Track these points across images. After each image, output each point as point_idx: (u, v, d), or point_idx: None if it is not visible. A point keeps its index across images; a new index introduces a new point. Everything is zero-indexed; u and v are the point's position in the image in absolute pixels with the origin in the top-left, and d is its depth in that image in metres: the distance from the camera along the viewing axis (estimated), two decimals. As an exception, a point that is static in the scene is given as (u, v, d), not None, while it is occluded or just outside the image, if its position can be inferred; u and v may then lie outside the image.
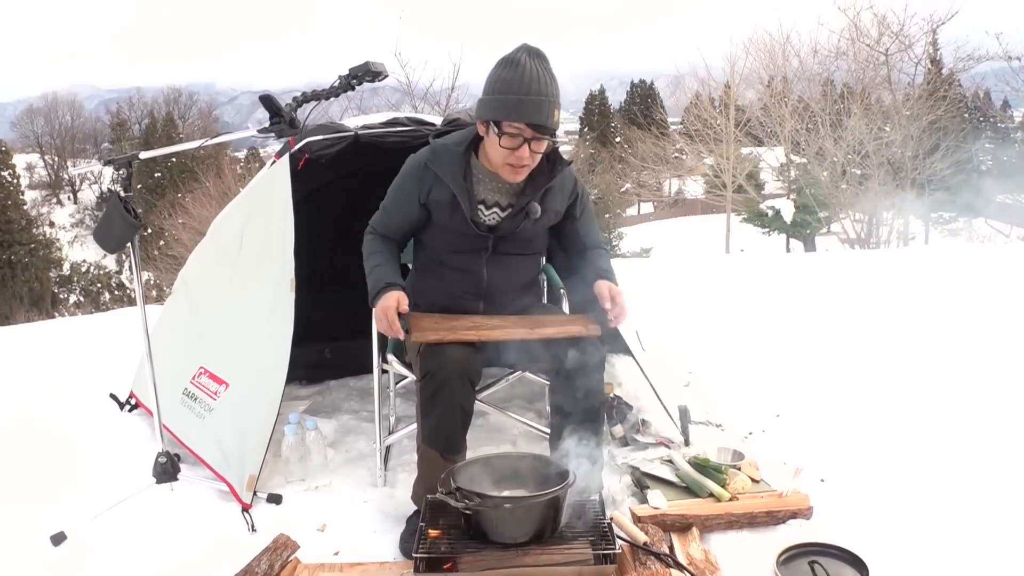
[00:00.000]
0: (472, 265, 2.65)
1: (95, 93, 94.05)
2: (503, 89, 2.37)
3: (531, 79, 2.35)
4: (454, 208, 2.56)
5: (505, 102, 2.37)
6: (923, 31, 20.19)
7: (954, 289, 5.57)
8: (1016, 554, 2.24)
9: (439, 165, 2.56)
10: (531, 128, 2.38)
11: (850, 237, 20.64)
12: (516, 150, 2.41)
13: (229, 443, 2.78)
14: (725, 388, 3.70)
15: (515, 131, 2.39)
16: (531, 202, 2.59)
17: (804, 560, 2.23)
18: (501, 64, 2.40)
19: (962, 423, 3.16)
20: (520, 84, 2.34)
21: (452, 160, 2.56)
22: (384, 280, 2.51)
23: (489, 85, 2.42)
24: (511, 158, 2.44)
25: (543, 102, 2.36)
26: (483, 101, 2.44)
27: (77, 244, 35.43)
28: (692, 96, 25.81)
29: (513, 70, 2.36)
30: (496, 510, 1.87)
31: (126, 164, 2.52)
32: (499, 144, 2.42)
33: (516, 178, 2.52)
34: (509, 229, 2.62)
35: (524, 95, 2.35)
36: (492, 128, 2.42)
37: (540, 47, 2.44)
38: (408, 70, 18.27)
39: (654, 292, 5.79)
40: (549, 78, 2.38)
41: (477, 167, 2.57)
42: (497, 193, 2.60)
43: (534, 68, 2.36)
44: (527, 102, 2.35)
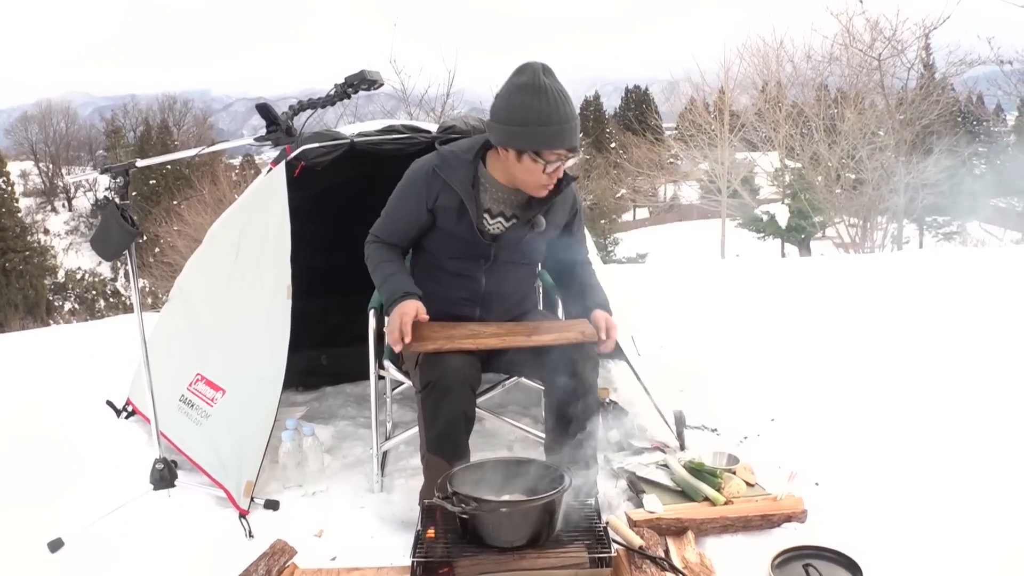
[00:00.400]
0: (471, 272, 2.66)
1: (89, 100, 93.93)
2: (538, 119, 2.36)
3: (560, 103, 2.36)
4: (460, 215, 2.57)
5: (545, 133, 2.38)
6: (915, 36, 20.29)
7: (948, 293, 5.60)
8: (1010, 557, 2.26)
9: (448, 172, 2.57)
10: (569, 151, 2.43)
11: (844, 241, 20.71)
12: (554, 172, 2.45)
13: (226, 449, 2.79)
14: (720, 393, 3.71)
15: (556, 158, 2.41)
16: (537, 216, 2.60)
17: (799, 563, 2.23)
18: (522, 90, 2.38)
19: (956, 427, 3.17)
20: (555, 112, 2.36)
21: (461, 167, 2.57)
22: (403, 289, 2.52)
23: (519, 114, 2.39)
24: (547, 180, 2.48)
25: (575, 123, 2.42)
26: (514, 132, 2.41)
27: (72, 251, 35.39)
28: (687, 101, 25.90)
29: (540, 98, 2.35)
30: (492, 514, 1.89)
31: (123, 172, 2.53)
32: (543, 171, 2.43)
33: (544, 193, 2.55)
34: (512, 240, 2.64)
35: (563, 123, 2.37)
36: (529, 157, 2.42)
37: (536, 58, 2.46)
38: (403, 77, 18.32)
39: (649, 297, 5.81)
40: (567, 94, 2.41)
41: (485, 176, 2.59)
42: (502, 204, 2.61)
43: (555, 90, 2.37)
44: (568, 129, 2.39)
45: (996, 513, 2.49)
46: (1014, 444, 2.98)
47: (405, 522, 2.54)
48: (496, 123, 2.45)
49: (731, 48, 23.62)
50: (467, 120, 3.27)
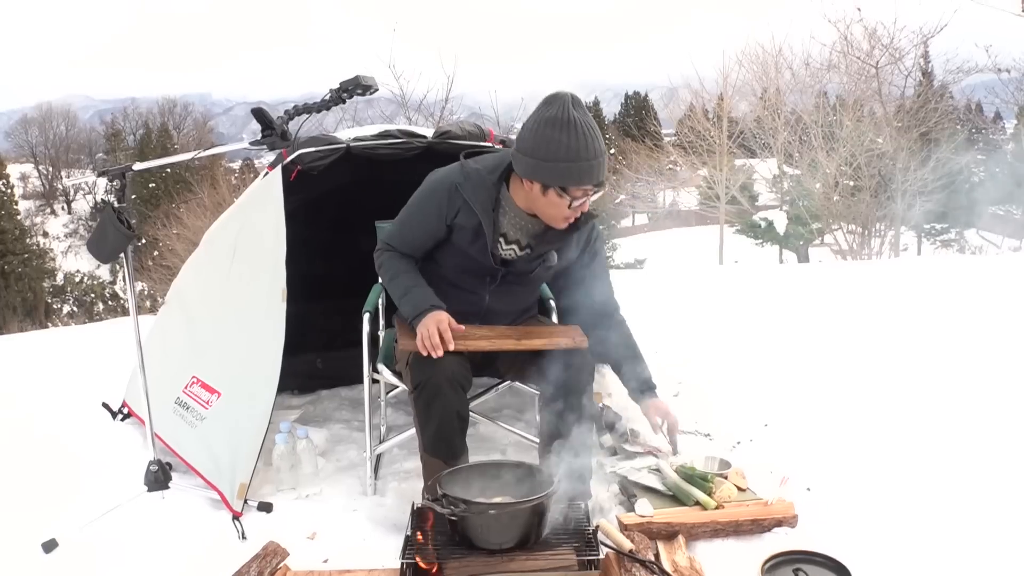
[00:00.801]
0: (476, 288, 2.67)
1: (90, 103, 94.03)
2: (566, 155, 2.33)
3: (588, 139, 2.34)
4: (476, 236, 2.56)
5: (572, 169, 2.36)
6: (913, 44, 20.35)
7: (945, 300, 5.60)
8: (1000, 563, 2.27)
9: (470, 191, 2.53)
10: (595, 186, 2.42)
11: (843, 248, 20.73)
12: (581, 206, 2.45)
13: (221, 452, 2.80)
14: (714, 398, 3.72)
15: (582, 193, 2.41)
16: (550, 252, 2.62)
17: (789, 568, 2.25)
18: (551, 124, 2.35)
19: (949, 433, 3.18)
20: (583, 148, 2.33)
21: (484, 189, 2.54)
22: (429, 301, 2.52)
23: (546, 148, 2.36)
24: (570, 213, 2.46)
25: (603, 161, 2.40)
26: (540, 166, 2.38)
27: (71, 254, 35.39)
28: (686, 108, 25.93)
29: (569, 133, 2.32)
30: (481, 516, 1.90)
31: (120, 175, 2.56)
32: (568, 205, 2.41)
33: (564, 226, 2.53)
34: (522, 269, 2.65)
35: (591, 159, 2.35)
36: (554, 190, 2.40)
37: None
38: (402, 82, 18.35)
39: (646, 303, 5.83)
40: (596, 130, 2.38)
41: (506, 199, 2.56)
42: (519, 231, 2.60)
43: (584, 124, 2.34)
44: (595, 166, 2.37)
45: (987, 520, 2.49)
46: (1006, 451, 2.98)
47: (398, 525, 2.55)
48: (522, 155, 2.41)
49: (730, 55, 23.55)
50: (463, 125, 3.29)
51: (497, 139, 3.32)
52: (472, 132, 3.27)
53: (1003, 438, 3.10)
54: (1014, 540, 2.36)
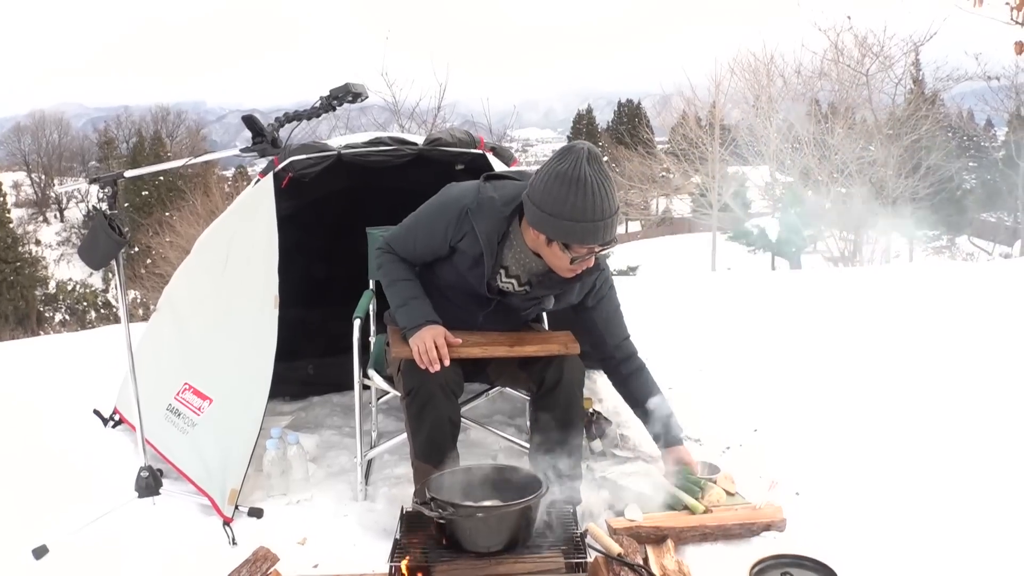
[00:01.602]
0: (471, 309, 2.66)
1: (83, 111, 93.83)
2: (574, 216, 2.28)
3: (601, 199, 2.28)
4: (476, 263, 2.53)
5: (579, 230, 2.31)
6: (903, 51, 20.49)
7: (936, 307, 5.64)
8: (988, 565, 2.28)
9: (479, 220, 2.48)
10: (601, 244, 2.37)
11: (835, 255, 20.81)
12: (586, 260, 2.42)
13: (212, 458, 2.80)
14: (705, 403, 3.74)
15: (587, 250, 2.37)
16: (548, 297, 2.61)
17: (777, 572, 2.26)
18: (561, 179, 2.28)
19: (938, 438, 3.20)
20: (590, 209, 2.27)
21: (494, 219, 2.48)
22: (426, 316, 2.51)
23: (553, 204, 2.30)
24: (574, 267, 2.43)
25: (613, 221, 2.34)
26: (546, 220, 2.33)
27: (63, 262, 35.26)
28: (678, 115, 26.03)
29: (578, 191, 2.26)
30: (469, 519, 1.91)
31: (111, 182, 2.57)
32: (570, 261, 2.39)
33: (568, 275, 2.50)
34: (517, 304, 2.64)
35: (597, 220, 2.29)
36: (559, 246, 2.36)
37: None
38: (395, 89, 18.39)
39: (638, 310, 5.83)
40: (611, 188, 2.31)
41: (515, 235, 2.51)
42: (521, 267, 2.56)
43: (600, 185, 2.27)
44: (601, 227, 2.31)
45: (975, 524, 2.51)
46: (996, 455, 3.01)
47: (388, 530, 2.55)
48: (531, 203, 2.36)
49: (722, 63, 23.72)
50: (453, 132, 3.30)
51: (488, 146, 3.34)
52: (463, 139, 3.29)
53: (993, 443, 3.12)
54: (1002, 543, 2.39)
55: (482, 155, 3.30)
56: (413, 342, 2.46)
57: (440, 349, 2.43)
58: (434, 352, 2.42)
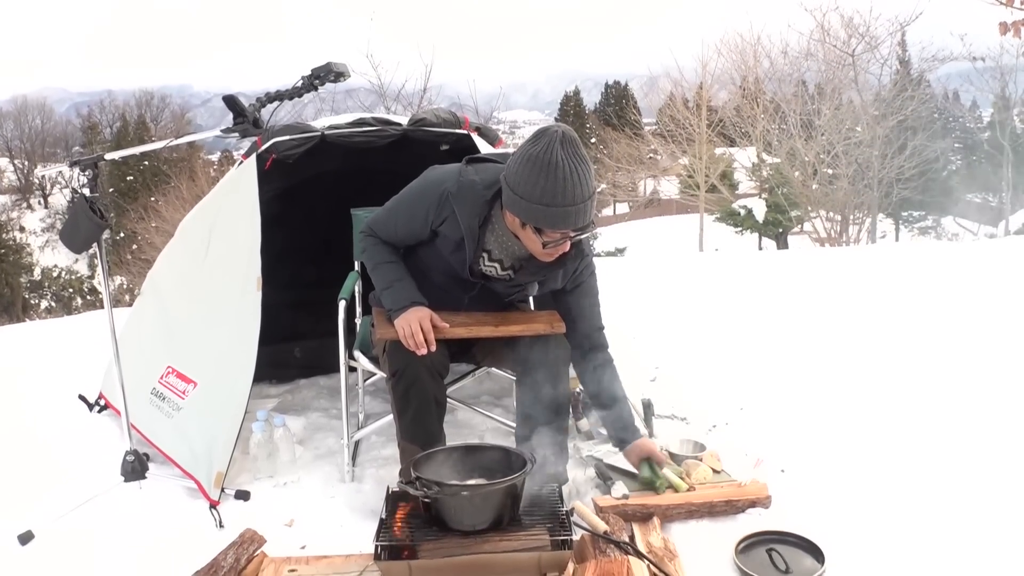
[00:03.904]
0: (455, 293, 2.64)
1: (65, 96, 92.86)
2: (544, 199, 2.24)
3: (573, 183, 2.23)
4: (458, 247, 2.51)
5: (549, 214, 2.27)
6: (889, 32, 20.50)
7: (921, 287, 5.66)
8: (970, 541, 2.30)
9: (460, 204, 2.45)
10: (574, 230, 2.33)
11: (821, 236, 20.88)
12: (559, 245, 2.37)
13: (197, 441, 2.80)
14: (691, 382, 3.76)
15: (560, 235, 2.33)
16: (532, 283, 2.59)
17: (762, 548, 2.28)
18: (536, 165, 2.24)
19: (922, 415, 3.23)
20: (564, 194, 2.23)
21: (475, 204, 2.45)
22: (411, 298, 2.50)
23: (525, 188, 2.27)
24: (554, 251, 2.39)
25: (587, 205, 2.29)
26: (518, 203, 2.30)
27: (48, 249, 34.95)
28: (666, 97, 25.97)
29: (549, 175, 2.22)
30: (454, 498, 1.91)
31: (92, 165, 2.54)
32: (543, 245, 2.35)
33: (550, 259, 2.45)
34: (500, 289, 2.62)
35: (568, 205, 2.25)
36: (532, 229, 2.33)
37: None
38: (380, 71, 18.28)
39: (625, 290, 5.85)
40: (586, 171, 2.27)
41: (497, 219, 2.48)
42: (504, 251, 2.53)
43: (573, 168, 2.23)
44: (572, 212, 2.27)
45: (958, 500, 2.54)
46: (978, 433, 3.03)
47: (375, 511, 2.53)
48: (506, 185, 2.34)
49: (709, 44, 23.69)
50: (438, 113, 3.29)
51: (472, 126, 3.32)
52: (447, 120, 3.27)
53: (976, 421, 3.15)
54: (986, 520, 2.41)
55: (467, 135, 3.28)
56: (399, 324, 2.45)
57: (426, 333, 2.42)
58: (420, 336, 2.41)
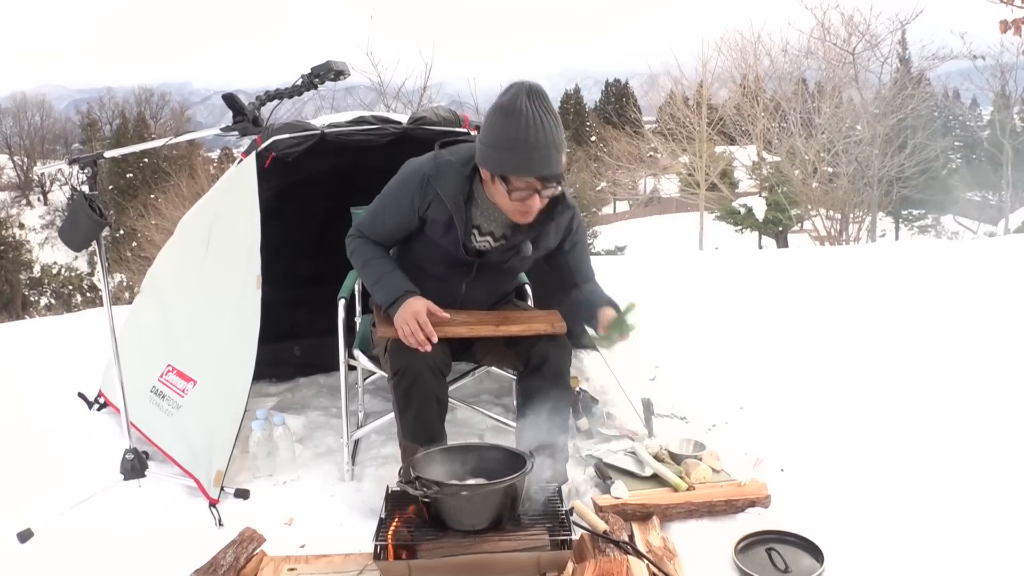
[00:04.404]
0: (452, 279, 2.65)
1: (65, 93, 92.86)
2: (507, 144, 2.26)
3: (535, 128, 2.23)
4: (448, 228, 2.51)
5: (512, 159, 2.27)
6: (889, 30, 20.49)
7: (921, 285, 5.66)
8: (970, 540, 2.30)
9: (441, 183, 2.46)
10: (540, 180, 2.31)
11: (821, 234, 20.87)
12: (527, 200, 2.35)
13: (197, 440, 2.79)
14: (691, 382, 3.75)
15: (524, 185, 2.31)
16: (524, 242, 2.56)
17: (761, 547, 2.28)
18: (501, 112, 2.28)
19: (921, 415, 3.22)
20: (526, 139, 2.23)
21: (455, 181, 2.46)
22: (402, 287, 2.48)
23: (491, 135, 2.31)
24: (522, 207, 2.37)
25: (551, 153, 2.27)
26: (486, 152, 2.33)
27: (48, 246, 34.92)
28: (666, 95, 25.94)
29: (516, 121, 2.24)
30: (454, 498, 1.91)
31: (91, 163, 2.54)
32: (509, 197, 2.34)
33: (526, 220, 2.45)
34: (497, 260, 2.61)
35: (531, 150, 2.25)
36: (499, 180, 2.34)
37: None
38: (380, 69, 18.27)
39: (625, 289, 5.84)
40: (553, 121, 2.27)
41: (479, 192, 2.49)
42: (493, 222, 2.54)
43: (537, 115, 2.24)
44: (536, 158, 2.26)
45: (958, 499, 2.54)
46: (978, 432, 3.03)
47: (375, 510, 2.52)
48: (478, 143, 2.38)
49: (709, 42, 23.62)
50: (437, 111, 3.28)
51: (472, 124, 3.31)
52: (447, 118, 3.26)
53: (976, 420, 3.15)
54: (986, 519, 2.41)
55: (466, 133, 3.27)
56: (397, 322, 2.43)
57: (424, 327, 2.40)
58: (420, 334, 2.39)
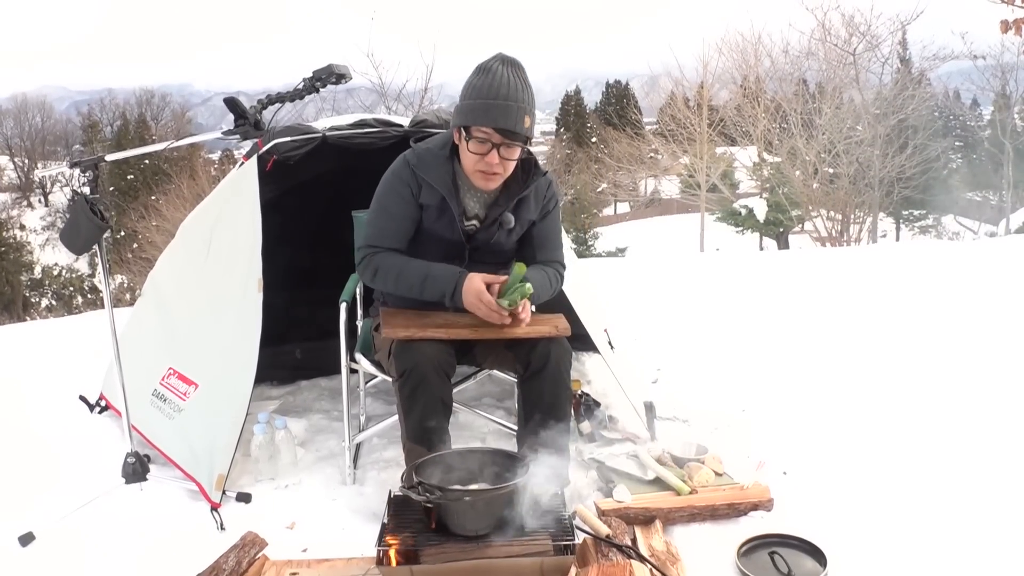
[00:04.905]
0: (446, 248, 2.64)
1: (66, 94, 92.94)
2: (472, 95, 2.40)
3: (500, 84, 2.36)
4: (441, 212, 2.57)
5: (473, 107, 2.39)
6: (890, 31, 20.51)
7: (922, 286, 5.66)
8: (973, 543, 2.30)
9: (426, 170, 2.56)
10: (499, 133, 2.39)
11: (822, 235, 20.87)
12: (485, 156, 2.43)
13: (198, 443, 2.79)
14: (693, 384, 3.75)
15: (483, 135, 2.41)
16: (504, 213, 2.59)
17: (764, 551, 2.28)
18: (475, 71, 2.42)
19: (925, 417, 3.22)
20: (489, 89, 2.37)
21: (438, 165, 2.56)
22: (451, 274, 2.50)
23: (463, 92, 2.44)
24: (481, 164, 2.45)
25: (511, 107, 2.37)
26: (456, 108, 2.47)
27: (48, 247, 34.91)
28: (666, 96, 25.96)
29: (485, 76, 2.39)
30: (457, 503, 1.91)
31: (92, 166, 2.54)
32: (468, 149, 2.44)
33: (488, 186, 2.53)
34: (484, 240, 2.63)
35: (492, 99, 2.36)
36: (463, 134, 2.44)
37: (517, 53, 2.43)
38: (381, 71, 18.26)
39: (626, 291, 5.85)
40: (522, 84, 2.39)
41: (460, 175, 2.58)
42: (475, 203, 2.61)
43: (506, 74, 2.37)
44: (495, 107, 2.36)
45: (961, 502, 2.53)
46: (981, 434, 3.03)
47: (377, 514, 2.54)
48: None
49: (710, 43, 23.64)
50: (439, 114, 3.27)
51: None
52: (448, 120, 3.26)
53: (980, 423, 3.14)
54: (989, 522, 2.40)
55: None
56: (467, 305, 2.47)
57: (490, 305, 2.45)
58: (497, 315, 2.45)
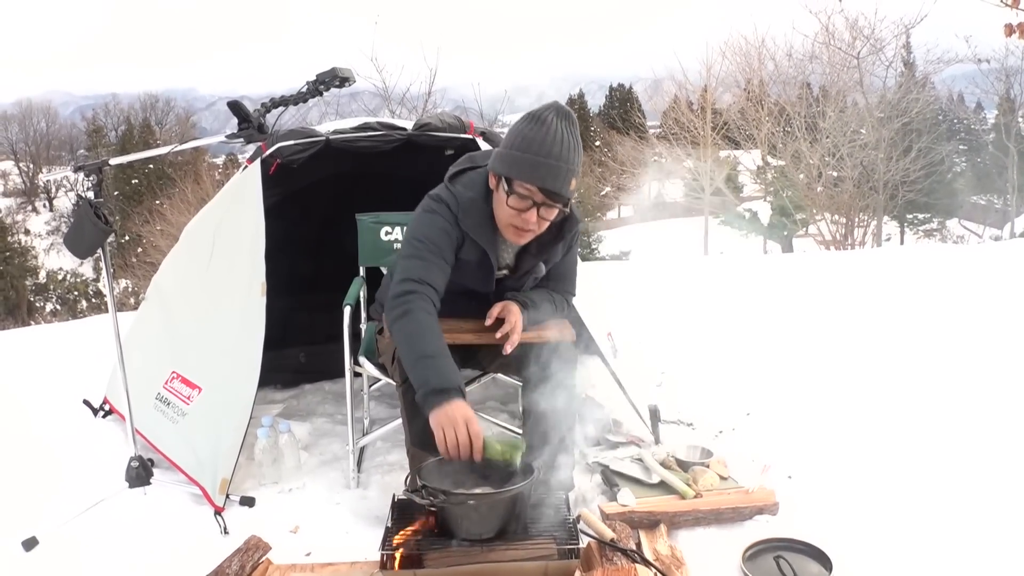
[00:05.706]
0: (469, 303, 2.58)
1: (70, 99, 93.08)
2: (523, 146, 2.23)
3: (553, 141, 2.21)
4: (480, 267, 2.45)
5: (521, 161, 2.23)
6: (894, 34, 20.51)
7: (927, 290, 5.65)
8: (977, 547, 2.29)
9: (471, 225, 2.39)
10: (543, 193, 2.25)
11: (826, 239, 20.86)
12: (523, 212, 2.29)
13: (202, 447, 2.79)
14: (698, 388, 3.74)
15: (526, 192, 2.25)
16: (537, 264, 2.52)
17: (770, 555, 2.27)
18: (527, 119, 2.26)
19: (930, 421, 3.21)
20: (542, 145, 2.21)
21: (483, 221, 2.40)
22: (443, 383, 2.10)
23: (510, 139, 2.28)
24: (517, 220, 2.31)
25: (561, 168, 2.23)
26: (500, 153, 2.31)
27: (53, 252, 35.00)
28: (670, 100, 25.98)
29: (537, 129, 2.22)
30: (461, 507, 1.90)
31: (96, 170, 2.54)
32: (506, 203, 2.29)
33: (519, 241, 2.40)
34: (510, 287, 2.57)
35: (543, 157, 2.21)
36: (503, 184, 2.29)
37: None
38: (384, 75, 18.29)
39: (630, 294, 5.84)
40: (574, 143, 2.24)
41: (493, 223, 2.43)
42: (507, 252, 2.51)
43: (560, 131, 2.22)
44: (544, 165, 2.22)
45: (966, 506, 2.52)
46: (987, 439, 3.02)
47: (380, 518, 2.54)
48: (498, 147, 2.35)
49: (713, 46, 23.74)
50: (443, 117, 3.28)
51: (477, 131, 3.31)
52: (452, 124, 3.27)
53: (985, 427, 3.13)
54: (995, 527, 2.39)
55: (471, 140, 3.27)
56: (439, 422, 2.04)
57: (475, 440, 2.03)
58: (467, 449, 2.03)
